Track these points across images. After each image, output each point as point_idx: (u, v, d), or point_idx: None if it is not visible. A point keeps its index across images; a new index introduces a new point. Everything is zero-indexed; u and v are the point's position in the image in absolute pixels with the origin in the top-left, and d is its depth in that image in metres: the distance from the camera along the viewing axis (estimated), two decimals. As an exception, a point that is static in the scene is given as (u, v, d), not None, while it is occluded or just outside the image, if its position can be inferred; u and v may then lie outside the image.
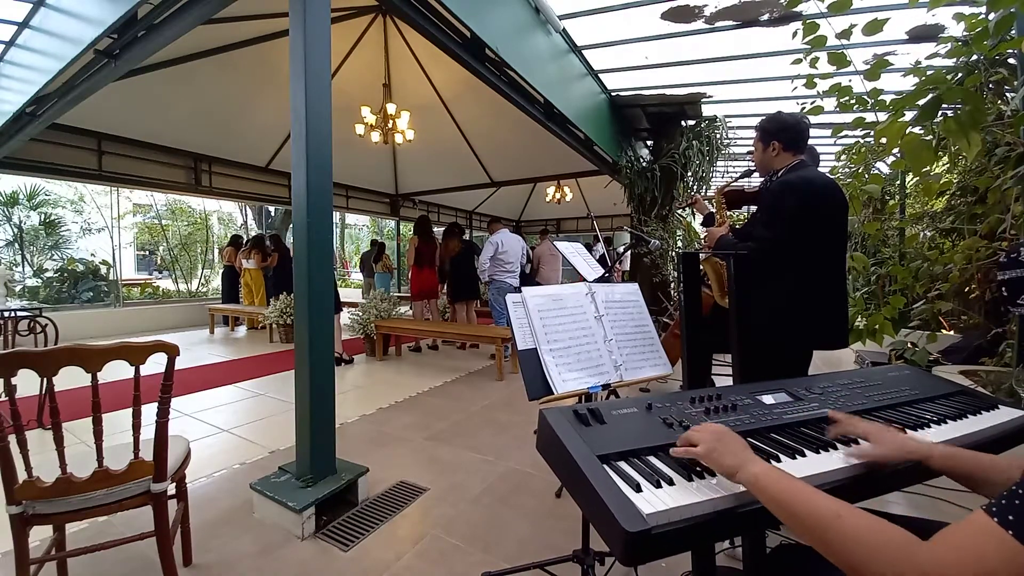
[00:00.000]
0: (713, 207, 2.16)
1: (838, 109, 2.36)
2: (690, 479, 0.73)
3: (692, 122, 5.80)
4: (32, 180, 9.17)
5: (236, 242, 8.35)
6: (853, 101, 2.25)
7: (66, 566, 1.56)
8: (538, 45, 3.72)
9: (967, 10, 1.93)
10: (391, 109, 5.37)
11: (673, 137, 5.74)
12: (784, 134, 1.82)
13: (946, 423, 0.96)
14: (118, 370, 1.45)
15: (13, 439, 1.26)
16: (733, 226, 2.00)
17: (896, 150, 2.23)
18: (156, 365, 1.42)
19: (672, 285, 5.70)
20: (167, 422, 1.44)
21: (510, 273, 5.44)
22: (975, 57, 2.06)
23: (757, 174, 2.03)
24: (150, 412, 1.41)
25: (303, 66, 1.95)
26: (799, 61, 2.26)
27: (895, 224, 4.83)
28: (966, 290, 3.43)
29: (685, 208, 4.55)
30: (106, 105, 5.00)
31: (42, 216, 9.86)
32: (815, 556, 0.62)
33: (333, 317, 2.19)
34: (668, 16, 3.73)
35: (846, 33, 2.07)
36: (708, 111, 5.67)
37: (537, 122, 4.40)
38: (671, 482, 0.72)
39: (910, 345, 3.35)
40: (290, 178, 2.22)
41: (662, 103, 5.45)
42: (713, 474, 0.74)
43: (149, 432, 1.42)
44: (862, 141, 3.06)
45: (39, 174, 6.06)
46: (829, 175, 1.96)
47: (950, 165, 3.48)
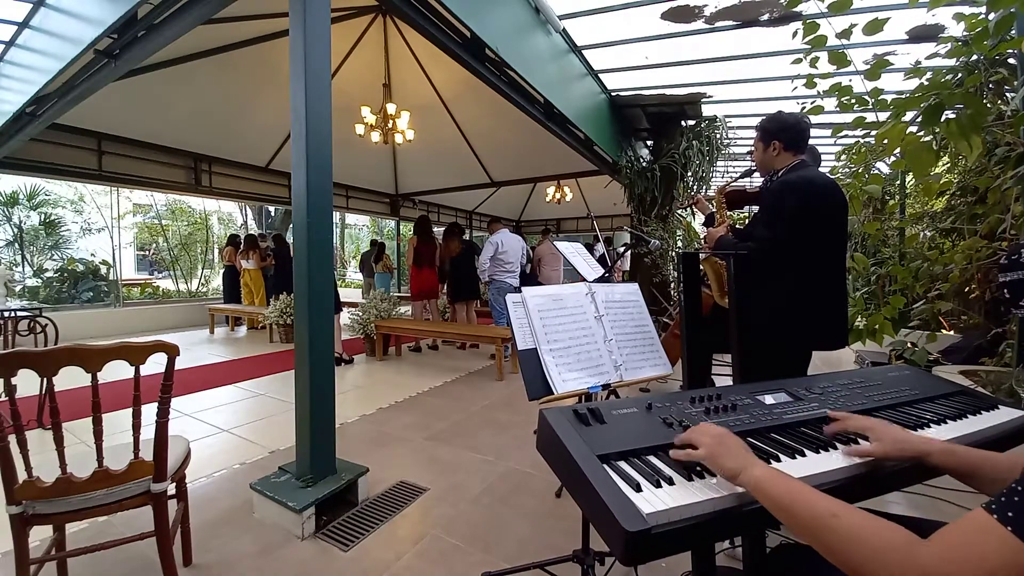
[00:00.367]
0: (714, 207, 2.16)
1: (838, 109, 2.36)
2: (690, 479, 0.73)
3: (692, 122, 5.80)
4: (32, 180, 9.17)
5: (234, 242, 8.35)
6: (853, 101, 2.25)
7: (66, 566, 1.56)
8: (538, 45, 3.72)
9: (967, 10, 1.93)
10: (391, 109, 5.37)
11: (673, 137, 5.74)
12: (785, 134, 1.82)
13: (946, 423, 0.96)
14: (118, 370, 1.45)
15: (13, 439, 1.26)
16: (733, 226, 2.00)
17: (897, 151, 2.23)
18: (156, 365, 1.42)
19: (672, 285, 5.70)
20: (167, 422, 1.44)
21: (510, 273, 5.44)
22: (975, 57, 2.06)
23: (758, 174, 2.03)
24: (150, 412, 1.41)
25: (303, 66, 1.95)
26: (799, 61, 2.26)
27: (895, 224, 4.83)
28: (966, 290, 3.43)
29: (687, 208, 4.55)
30: (106, 105, 5.00)
31: (42, 216, 9.87)
32: (815, 556, 0.62)
33: (333, 317, 2.19)
34: (668, 16, 3.73)
35: (846, 33, 2.07)
36: (708, 111, 5.67)
37: (537, 122, 4.40)
38: (671, 482, 0.72)
39: (910, 345, 3.35)
40: (290, 178, 2.22)
41: (662, 103, 5.45)
42: (713, 474, 0.74)
43: (149, 432, 1.42)
44: (862, 141, 3.06)
45: (39, 174, 6.06)
46: (829, 175, 1.96)
47: (950, 165, 3.48)
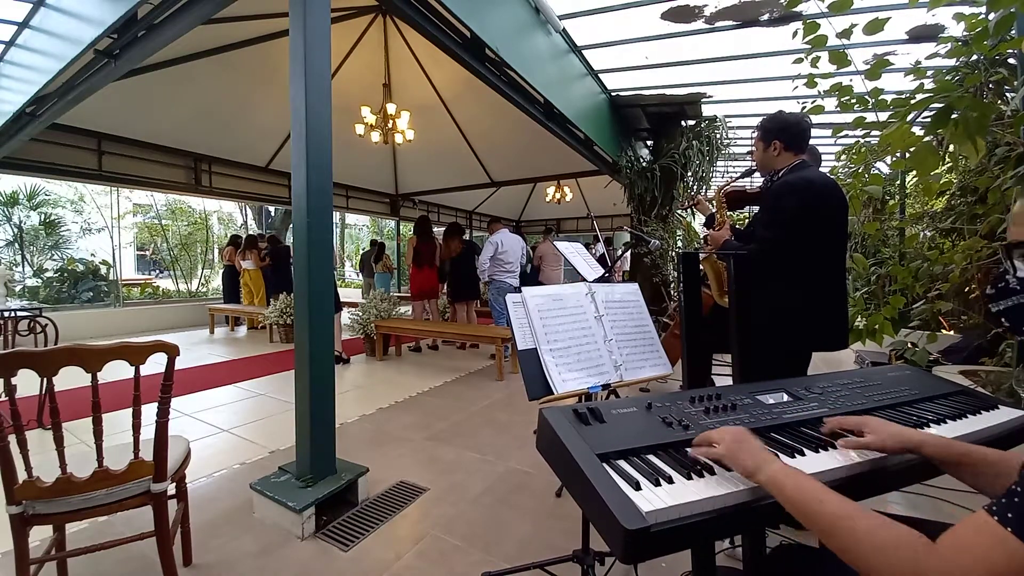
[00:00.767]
0: (714, 207, 2.16)
1: (838, 109, 2.36)
2: (689, 477, 0.73)
3: (692, 122, 5.80)
4: (32, 180, 9.18)
5: (236, 242, 8.36)
6: (854, 101, 2.25)
7: (66, 566, 1.56)
8: (538, 45, 3.72)
9: (967, 10, 1.92)
10: (391, 109, 5.38)
11: (673, 137, 5.74)
12: (785, 133, 1.82)
13: (946, 423, 0.96)
14: (118, 370, 1.45)
15: (13, 439, 1.26)
16: (734, 226, 2.00)
17: (898, 152, 2.23)
18: (156, 365, 1.42)
19: (672, 285, 5.70)
20: (167, 422, 1.44)
21: (510, 273, 5.44)
22: (975, 57, 2.06)
23: (758, 174, 2.03)
24: (150, 412, 1.41)
25: (303, 66, 1.95)
26: (800, 61, 2.26)
27: (895, 224, 4.83)
28: (966, 290, 3.43)
29: (687, 209, 4.55)
30: (106, 105, 5.00)
31: (42, 216, 9.87)
32: (815, 556, 0.62)
33: (333, 317, 2.19)
34: (668, 16, 3.73)
35: (846, 33, 2.06)
36: (708, 111, 5.67)
37: (537, 122, 4.40)
38: (671, 480, 0.72)
39: (910, 345, 3.35)
40: (290, 178, 2.22)
41: (662, 103, 5.45)
42: (712, 471, 0.74)
43: (149, 432, 1.42)
44: (862, 141, 3.05)
45: (39, 174, 6.06)
46: (829, 175, 1.96)
47: (951, 165, 3.48)
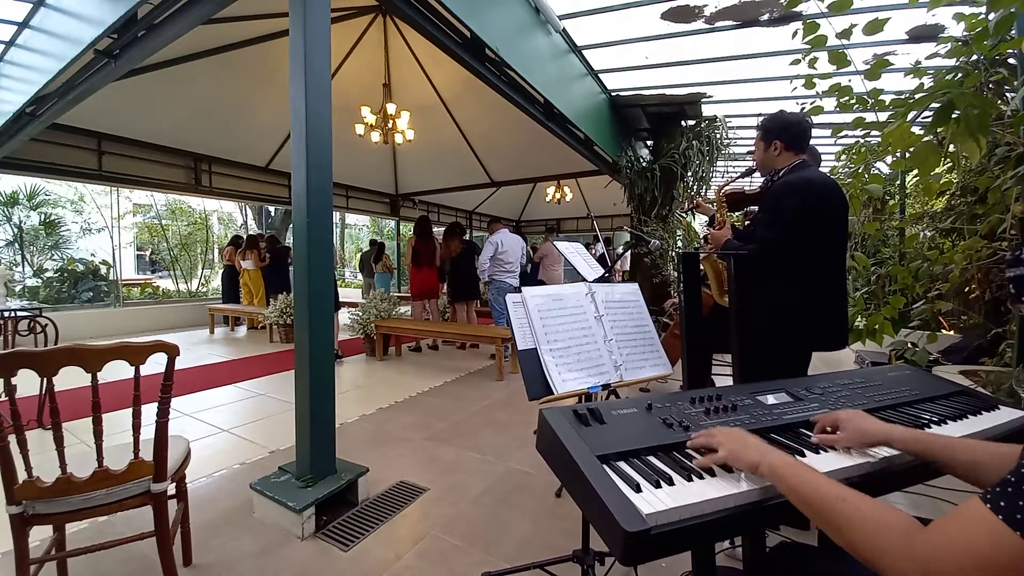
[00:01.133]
0: (714, 207, 2.16)
1: (838, 109, 2.36)
2: (690, 479, 0.73)
3: (692, 122, 5.80)
4: (32, 180, 9.17)
5: (236, 242, 8.36)
6: (853, 101, 2.25)
7: (66, 566, 1.56)
8: (538, 45, 3.72)
9: (967, 10, 1.93)
10: (391, 109, 5.37)
11: (673, 137, 5.74)
12: (786, 133, 1.82)
13: (946, 423, 0.96)
14: (118, 370, 1.45)
15: (13, 439, 1.26)
16: (734, 226, 2.00)
17: (898, 151, 2.23)
18: (156, 365, 1.42)
19: (672, 285, 5.70)
20: (167, 422, 1.44)
21: (510, 273, 5.44)
22: (975, 57, 2.06)
23: (758, 173, 2.03)
24: (150, 412, 1.41)
25: (303, 66, 1.95)
26: (798, 61, 2.26)
27: (895, 224, 4.83)
28: (966, 290, 3.43)
29: (688, 211, 4.56)
30: (106, 105, 5.00)
31: (42, 216, 9.87)
32: (815, 555, 0.62)
33: (333, 317, 2.19)
34: (668, 16, 3.73)
35: (846, 33, 2.06)
36: (708, 111, 5.67)
37: (537, 122, 4.40)
38: (671, 482, 0.72)
39: (910, 345, 3.35)
40: (290, 178, 2.22)
41: (662, 103, 5.45)
42: (713, 473, 0.74)
43: (149, 432, 1.42)
44: (862, 141, 3.06)
45: (39, 174, 6.05)
46: (830, 175, 1.96)
47: (951, 165, 3.48)
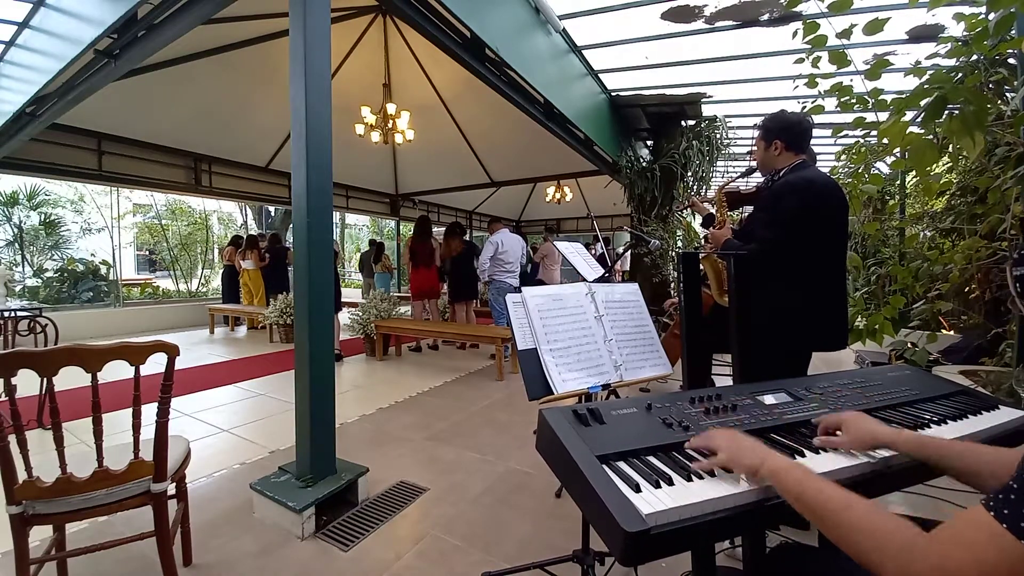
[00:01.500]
0: (712, 208, 2.16)
1: (838, 109, 2.36)
2: (689, 479, 0.73)
3: (692, 122, 5.80)
4: (32, 180, 9.17)
5: (236, 242, 8.36)
6: (854, 101, 2.25)
7: (66, 566, 1.56)
8: (538, 45, 3.72)
9: (967, 10, 1.92)
10: (391, 109, 5.37)
11: (673, 137, 5.74)
12: (786, 133, 1.81)
13: (946, 423, 0.96)
14: (118, 370, 1.45)
15: (13, 439, 1.26)
16: (733, 226, 2.00)
17: (897, 150, 2.23)
18: (156, 365, 1.42)
19: (672, 285, 5.70)
20: (167, 422, 1.44)
21: (510, 273, 5.44)
22: (975, 57, 2.06)
23: (759, 173, 2.03)
24: (150, 412, 1.41)
25: (303, 66, 1.95)
26: (801, 61, 2.26)
27: (895, 224, 4.83)
28: (966, 290, 3.43)
29: (684, 210, 4.55)
30: (106, 105, 5.00)
31: (42, 216, 9.87)
32: (815, 556, 0.62)
33: (333, 317, 2.19)
34: (668, 16, 3.73)
35: (846, 33, 2.06)
36: (708, 111, 5.67)
37: (537, 122, 4.40)
38: (670, 482, 0.72)
39: (910, 345, 3.34)
40: (290, 178, 2.22)
41: (662, 103, 5.45)
42: (712, 473, 0.74)
43: (149, 432, 1.42)
44: (862, 141, 3.05)
45: (39, 174, 6.06)
46: (830, 175, 1.96)
47: (951, 165, 3.48)
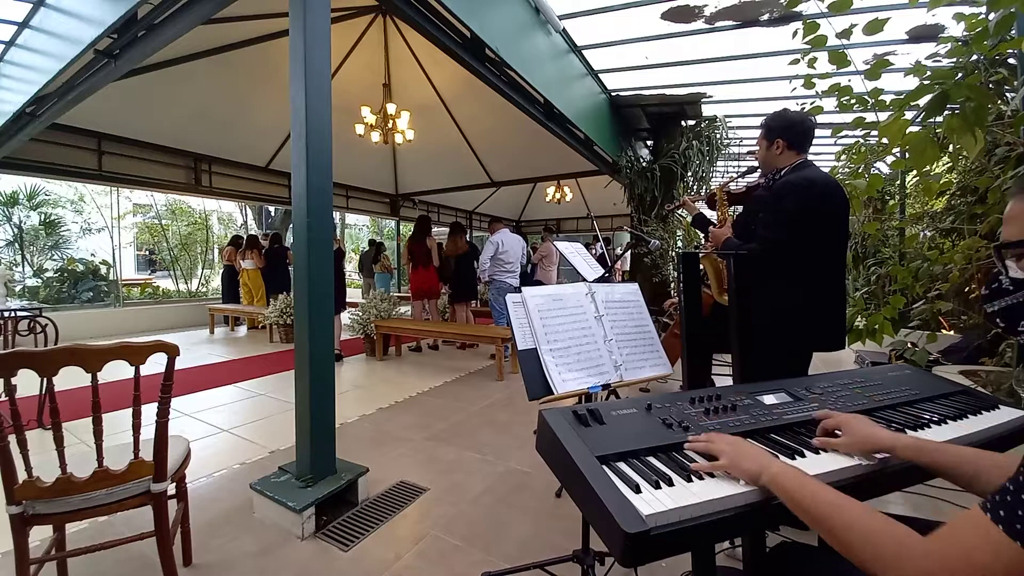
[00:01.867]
0: (700, 207, 2.19)
1: (838, 109, 2.36)
2: (689, 480, 0.73)
3: (692, 122, 5.80)
4: (32, 180, 9.18)
5: (236, 242, 8.36)
6: (853, 101, 2.25)
7: (66, 566, 1.56)
8: (538, 45, 3.72)
9: (967, 10, 1.92)
10: (391, 109, 5.37)
11: (673, 137, 5.74)
12: (788, 132, 1.81)
13: (946, 423, 0.96)
14: (118, 370, 1.45)
15: (13, 439, 1.26)
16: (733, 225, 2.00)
17: (897, 149, 2.23)
18: (156, 365, 1.42)
19: (672, 285, 5.70)
20: (167, 422, 1.44)
21: (510, 273, 5.44)
22: (975, 57, 2.06)
23: (760, 172, 2.02)
24: (150, 412, 1.41)
25: (303, 66, 1.95)
26: (796, 62, 2.26)
27: (895, 224, 4.83)
28: (966, 290, 3.43)
29: (673, 212, 4.55)
30: (106, 105, 5.00)
31: (42, 216, 9.87)
32: (815, 556, 0.62)
33: (333, 317, 2.19)
34: (668, 16, 3.73)
35: (846, 33, 2.06)
36: (708, 111, 5.67)
37: (537, 122, 4.40)
38: (670, 483, 0.72)
39: (910, 345, 3.35)
40: (290, 178, 2.22)
41: (662, 103, 5.45)
42: (712, 474, 0.74)
43: (149, 432, 1.42)
44: (862, 141, 3.06)
45: (39, 174, 6.05)
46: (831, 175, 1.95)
47: (951, 164, 3.48)
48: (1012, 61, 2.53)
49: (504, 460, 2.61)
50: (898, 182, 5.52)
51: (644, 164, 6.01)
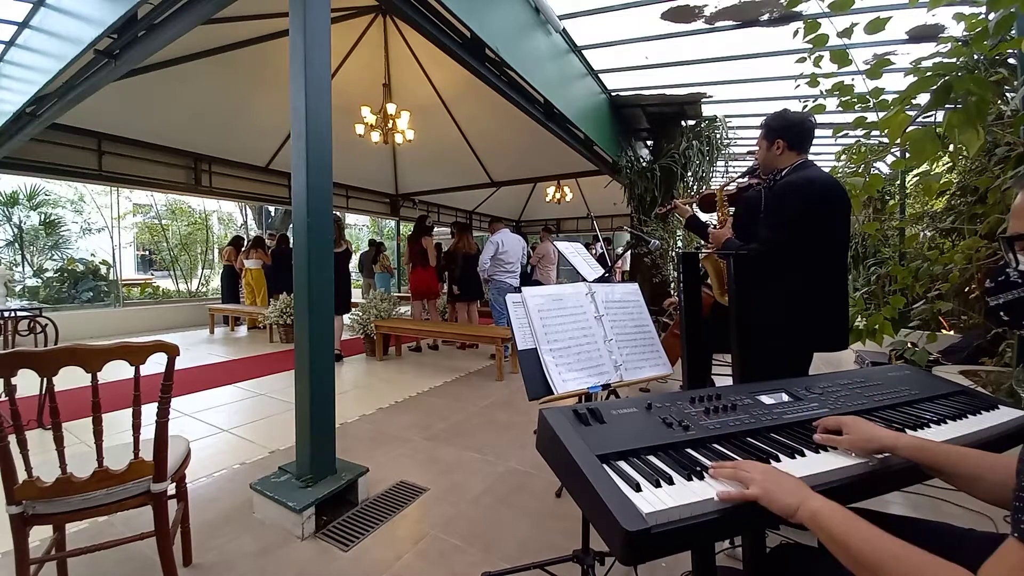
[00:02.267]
0: (693, 209, 2.20)
1: (839, 108, 2.36)
2: (690, 479, 0.73)
3: (692, 122, 5.80)
4: (32, 180, 9.17)
5: (237, 242, 8.36)
6: (855, 100, 2.25)
7: (66, 566, 1.56)
8: (538, 45, 3.72)
9: (967, 10, 1.93)
10: (391, 109, 5.37)
11: (673, 137, 5.74)
12: (789, 132, 1.80)
13: (946, 423, 0.96)
14: (118, 370, 1.45)
15: (13, 439, 1.26)
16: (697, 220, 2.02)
17: (896, 149, 2.23)
18: (156, 365, 1.42)
19: (672, 285, 5.70)
20: (167, 422, 1.44)
21: (510, 273, 5.44)
22: (975, 57, 2.06)
23: (760, 172, 2.02)
24: (150, 412, 1.41)
25: (303, 66, 1.95)
26: (803, 60, 2.26)
27: (895, 224, 4.83)
28: (966, 290, 3.43)
29: (664, 216, 4.52)
30: (106, 105, 5.00)
31: (42, 216, 9.87)
32: (815, 556, 0.62)
33: (333, 317, 2.18)
34: (668, 16, 3.73)
35: (847, 32, 2.07)
36: (708, 111, 5.67)
37: (537, 122, 4.39)
38: (671, 481, 0.72)
39: (910, 345, 3.35)
40: (290, 178, 2.22)
41: (662, 103, 5.45)
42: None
43: (149, 432, 1.42)
44: (862, 141, 3.06)
45: (39, 174, 6.05)
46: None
47: (951, 164, 3.48)
48: (1012, 61, 2.53)
49: (504, 460, 2.61)
50: (898, 182, 5.52)
51: (644, 164, 6.01)
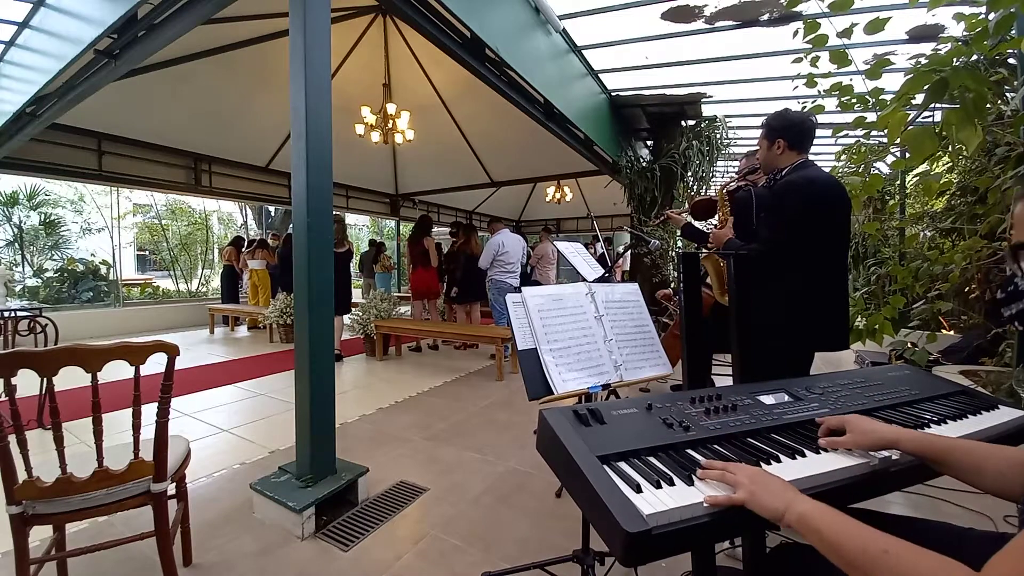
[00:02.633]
0: (686, 218, 2.21)
1: (839, 108, 2.36)
2: (690, 480, 0.72)
3: (692, 122, 5.80)
4: (32, 180, 9.18)
5: (237, 243, 8.36)
6: (854, 100, 2.25)
7: (66, 566, 1.56)
8: (538, 45, 3.72)
9: (967, 10, 1.93)
10: (391, 109, 5.37)
11: (673, 137, 5.74)
12: (789, 132, 1.80)
13: (946, 423, 0.96)
14: (118, 370, 1.45)
15: (13, 439, 1.26)
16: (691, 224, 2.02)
17: (896, 149, 2.23)
18: (156, 365, 1.42)
19: (672, 285, 5.70)
20: (167, 422, 1.44)
21: (511, 273, 5.44)
22: (975, 57, 2.06)
23: (761, 171, 2.02)
24: (150, 412, 1.41)
25: (303, 66, 1.95)
26: (799, 60, 2.26)
27: (895, 224, 4.83)
28: (966, 290, 3.44)
29: (657, 225, 4.53)
30: (106, 105, 4.99)
31: (42, 216, 9.87)
32: (815, 556, 0.62)
33: (333, 317, 2.18)
34: (668, 16, 3.73)
35: (847, 32, 2.07)
36: (708, 111, 5.67)
37: (537, 122, 4.39)
38: (671, 482, 0.71)
39: (910, 345, 3.35)
40: (290, 178, 2.22)
41: (662, 103, 5.45)
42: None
43: (149, 432, 1.42)
44: (862, 141, 3.06)
45: (39, 174, 6.05)
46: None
47: (951, 164, 3.48)
48: (1012, 61, 2.53)
49: (504, 460, 2.61)
50: (898, 182, 5.52)
51: (644, 164, 6.00)
